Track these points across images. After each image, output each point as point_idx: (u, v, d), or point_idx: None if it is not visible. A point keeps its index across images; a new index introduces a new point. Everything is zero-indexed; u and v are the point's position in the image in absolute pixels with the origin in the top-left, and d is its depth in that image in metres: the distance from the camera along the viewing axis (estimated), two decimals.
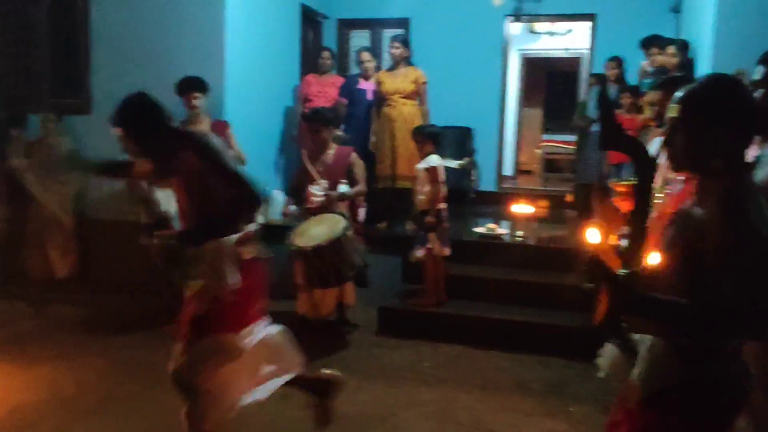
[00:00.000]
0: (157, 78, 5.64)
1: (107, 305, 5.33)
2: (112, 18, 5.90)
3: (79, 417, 3.36)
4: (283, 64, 6.76)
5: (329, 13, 7.78)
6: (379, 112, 5.88)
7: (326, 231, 4.24)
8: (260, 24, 6.16)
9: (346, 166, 4.66)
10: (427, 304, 4.77)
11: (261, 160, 6.04)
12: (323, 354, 4.31)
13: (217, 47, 5.64)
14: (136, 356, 4.22)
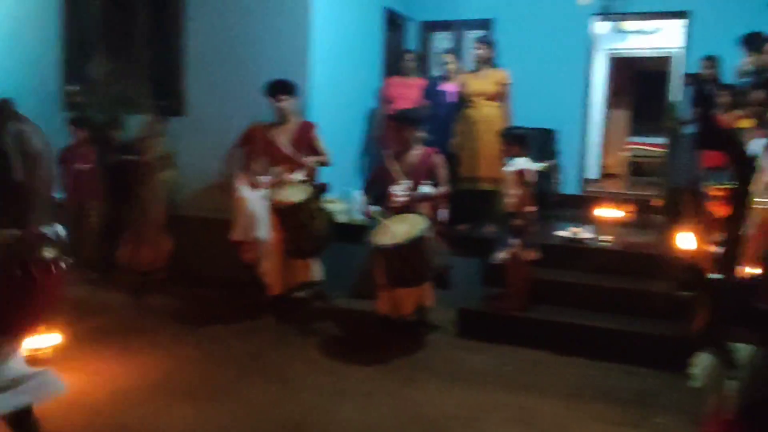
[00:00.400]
0: (245, 81, 5.90)
1: (196, 298, 5.56)
2: (204, 24, 6.17)
3: (172, 403, 3.53)
4: (366, 66, 6.87)
5: (412, 15, 7.83)
6: (462, 113, 5.86)
7: (406, 230, 4.29)
8: (344, 27, 6.29)
9: (429, 167, 4.69)
10: (509, 307, 4.72)
11: (343, 161, 6.15)
12: (403, 354, 4.35)
13: (303, 50, 5.80)
14: (225, 348, 4.39)
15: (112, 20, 6.61)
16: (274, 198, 4.66)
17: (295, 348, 4.43)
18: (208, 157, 5.99)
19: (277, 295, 5.04)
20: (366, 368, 4.11)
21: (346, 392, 3.74)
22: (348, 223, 5.71)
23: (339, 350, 4.43)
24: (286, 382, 3.85)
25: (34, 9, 6.92)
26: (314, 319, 5.01)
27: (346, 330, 4.90)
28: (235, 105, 5.91)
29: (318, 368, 4.10)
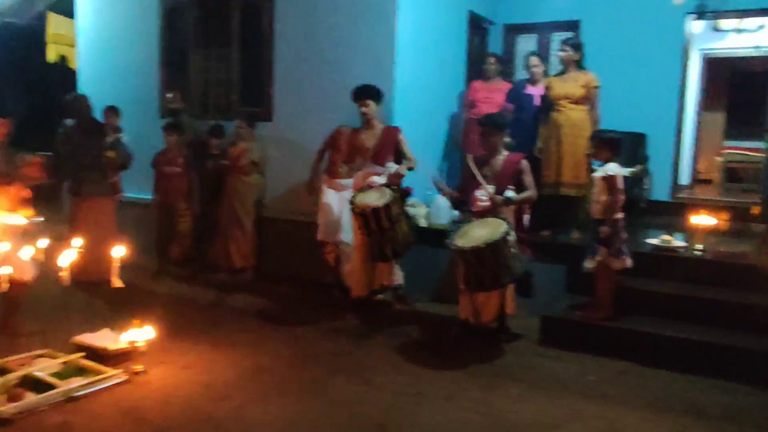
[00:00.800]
0: (331, 86, 6.06)
1: (282, 298, 5.76)
2: (292, 33, 6.38)
3: (261, 397, 3.68)
4: (449, 70, 6.88)
5: (496, 19, 7.78)
6: (547, 117, 5.77)
7: (486, 234, 4.28)
8: (429, 32, 6.33)
9: (515, 172, 4.66)
10: (595, 316, 4.61)
11: (426, 165, 6.19)
12: (484, 360, 4.34)
13: (388, 56, 5.88)
14: (311, 347, 4.53)
15: (206, 30, 6.95)
16: (357, 201, 4.75)
17: (377, 349, 4.51)
18: (295, 161, 6.21)
19: (360, 297, 5.14)
20: (447, 372, 4.12)
21: (427, 395, 3.77)
22: (430, 227, 5.74)
23: (420, 353, 4.47)
24: (368, 383, 3.92)
25: (136, 22, 7.37)
26: (395, 322, 5.07)
27: (426, 333, 4.93)
28: (321, 110, 6.08)
29: (399, 370, 4.15)
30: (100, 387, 3.66)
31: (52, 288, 4.38)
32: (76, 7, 7.93)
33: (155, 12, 7.18)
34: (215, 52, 6.94)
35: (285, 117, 6.49)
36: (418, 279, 5.52)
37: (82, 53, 7.97)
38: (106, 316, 4.64)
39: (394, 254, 4.85)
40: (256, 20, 6.58)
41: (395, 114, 5.84)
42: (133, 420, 3.33)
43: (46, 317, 4.56)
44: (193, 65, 7.05)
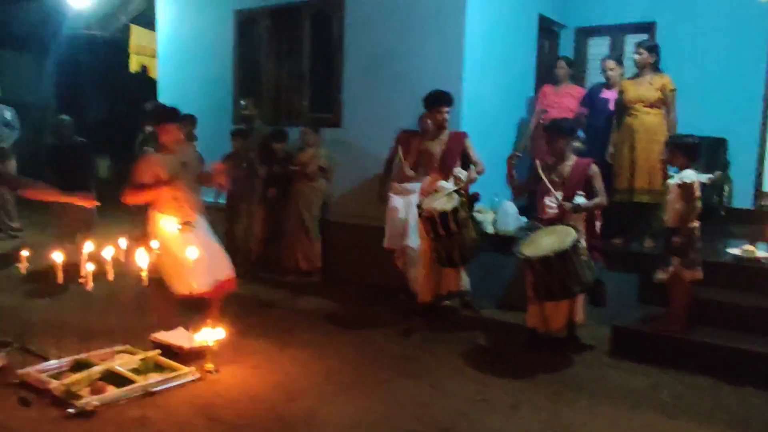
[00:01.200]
0: (399, 92, 6.10)
1: (349, 300, 5.83)
2: (361, 40, 6.47)
3: (329, 398, 3.74)
4: (518, 75, 6.80)
5: (567, 22, 7.63)
6: (620, 122, 5.61)
7: (555, 242, 4.20)
8: (498, 37, 6.28)
9: (584, 178, 4.55)
10: (669, 328, 4.44)
11: (494, 171, 6.13)
12: (551, 369, 4.26)
13: (457, 61, 5.87)
14: (378, 350, 4.57)
15: (278, 39, 7.15)
16: (424, 206, 4.76)
17: (443, 355, 4.50)
18: (363, 166, 6.29)
19: (426, 302, 5.14)
20: (513, 380, 4.07)
21: (492, 402, 3.74)
22: (497, 233, 5.69)
23: (486, 360, 4.44)
24: (434, 387, 3.93)
25: (212, 33, 7.65)
26: (462, 328, 5.05)
27: (493, 340, 4.88)
28: (389, 116, 6.12)
29: (465, 376, 4.13)
30: (175, 384, 3.82)
31: (132, 287, 4.59)
32: (157, 20, 8.31)
33: (230, 23, 7.44)
34: (286, 60, 7.12)
35: (353, 123, 6.59)
36: (484, 285, 5.48)
37: (162, 63, 8.34)
38: (182, 315, 4.81)
39: (462, 260, 4.83)
40: (327, 28, 6.71)
41: (463, 119, 5.82)
42: (206, 417, 3.46)
43: (126, 315, 4.78)
44: (265, 73, 7.26)
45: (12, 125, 7.75)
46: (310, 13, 6.83)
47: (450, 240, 4.66)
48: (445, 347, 4.64)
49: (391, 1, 6.25)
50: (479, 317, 5.35)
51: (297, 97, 7.08)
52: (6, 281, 6.08)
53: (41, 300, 5.38)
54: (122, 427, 3.30)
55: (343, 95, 6.64)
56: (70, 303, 4.73)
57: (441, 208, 4.63)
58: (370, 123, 6.38)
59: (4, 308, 5.19)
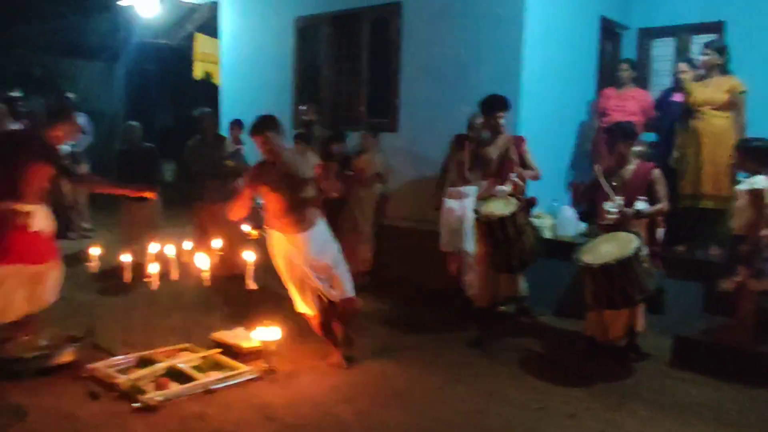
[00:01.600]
0: (456, 97, 6.08)
1: (403, 303, 5.83)
2: (418, 45, 6.49)
3: (384, 401, 3.77)
4: (579, 78, 6.68)
5: (630, 23, 7.43)
6: (686, 125, 5.44)
7: (616, 249, 4.10)
8: (557, 40, 6.19)
9: (646, 183, 4.43)
10: (735, 339, 4.27)
11: (552, 175, 6.05)
12: (610, 379, 4.16)
13: (515, 65, 5.82)
14: (432, 355, 4.56)
15: (337, 45, 7.25)
16: (481, 211, 4.74)
17: (498, 361, 4.46)
18: (418, 171, 6.31)
19: (482, 307, 5.11)
20: (570, 389, 4.00)
21: (549, 411, 3.69)
22: (555, 238, 5.60)
23: (542, 368, 4.37)
24: (490, 394, 3.90)
25: (273, 40, 7.83)
26: (518, 335, 4.98)
27: (550, 348, 4.81)
28: (445, 121, 6.11)
29: (521, 384, 4.08)
30: (234, 382, 3.92)
31: (194, 287, 4.74)
32: (221, 28, 8.56)
33: (290, 30, 7.60)
34: (345, 66, 7.22)
35: (410, 128, 6.62)
36: (542, 292, 5.40)
37: (224, 70, 8.59)
38: (242, 316, 4.94)
39: (520, 265, 4.77)
40: (385, 33, 6.77)
41: (521, 123, 5.76)
42: (264, 416, 3.54)
43: (189, 314, 4.94)
44: (324, 79, 7.38)
45: (85, 131, 8.13)
46: (369, 19, 6.91)
47: (507, 245, 4.61)
48: (502, 354, 4.60)
49: (448, 5, 6.26)
50: (536, 324, 5.28)
51: (355, 102, 7.17)
52: (78, 279, 6.36)
53: (110, 298, 5.62)
54: (183, 422, 3.42)
55: (400, 100, 6.68)
56: (137, 301, 4.92)
57: (499, 212, 4.59)
58: (426, 128, 6.40)
59: (76, 305, 5.45)
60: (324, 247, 4.22)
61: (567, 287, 5.35)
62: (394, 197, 6.65)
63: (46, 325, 4.62)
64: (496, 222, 4.56)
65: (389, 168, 6.44)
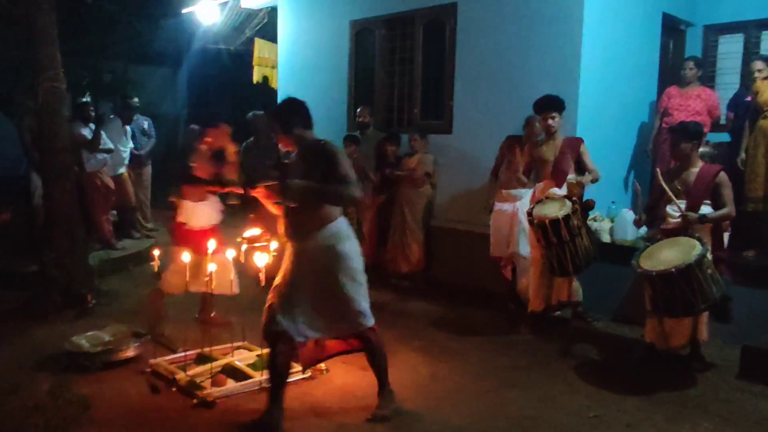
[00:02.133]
0: (512, 98, 6.01)
1: (454, 306, 5.80)
2: (473, 46, 6.43)
3: (435, 403, 3.76)
4: (640, 77, 6.48)
5: (694, 19, 7.18)
6: (753, 125, 5.21)
7: (677, 255, 3.95)
8: (618, 38, 6.03)
9: (711, 186, 4.25)
10: None
11: (611, 177, 5.90)
12: (670, 388, 4.02)
13: (573, 64, 5.70)
14: (484, 359, 4.52)
15: (391, 48, 7.27)
16: (537, 213, 4.66)
17: (552, 367, 4.38)
18: (473, 173, 6.27)
19: (536, 311, 5.02)
20: (628, 397, 3.88)
21: (605, 420, 3.59)
22: (614, 242, 5.45)
23: (598, 375, 4.26)
24: (543, 400, 3.83)
25: (329, 44, 7.91)
26: (573, 340, 4.87)
27: (607, 354, 4.68)
28: (501, 123, 6.05)
29: (576, 390, 3.99)
30: (288, 380, 3.97)
31: (249, 287, 4.84)
32: (279, 32, 8.72)
33: (346, 33, 7.66)
34: (399, 68, 7.24)
35: (464, 129, 6.57)
36: (599, 297, 5.26)
37: (282, 74, 8.74)
38: None
39: (574, 269, 4.67)
40: (439, 35, 6.75)
41: (579, 124, 5.64)
42: (316, 414, 3.58)
43: (244, 313, 5.04)
44: (379, 81, 7.41)
45: (149, 134, 8.43)
46: (423, 21, 6.90)
47: (561, 248, 4.52)
48: (556, 359, 4.51)
49: (504, 5, 6.18)
50: (593, 330, 5.16)
51: (409, 104, 7.17)
52: (141, 277, 6.62)
53: (171, 296, 5.79)
54: (239, 418, 3.50)
55: (454, 102, 6.65)
56: (196, 299, 5.06)
57: (552, 215, 4.51)
58: (481, 130, 6.34)
59: (139, 302, 5.66)
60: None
61: (626, 292, 5.21)
62: (447, 199, 6.62)
63: (112, 321, 4.84)
64: (549, 224, 4.47)
65: (437, 169, 6.45)
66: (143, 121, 8.37)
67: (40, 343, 4.59)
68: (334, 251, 3.35)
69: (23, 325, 4.97)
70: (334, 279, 3.36)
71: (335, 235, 3.37)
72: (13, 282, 5.90)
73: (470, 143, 6.46)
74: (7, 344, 4.56)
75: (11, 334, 4.77)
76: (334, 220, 3.39)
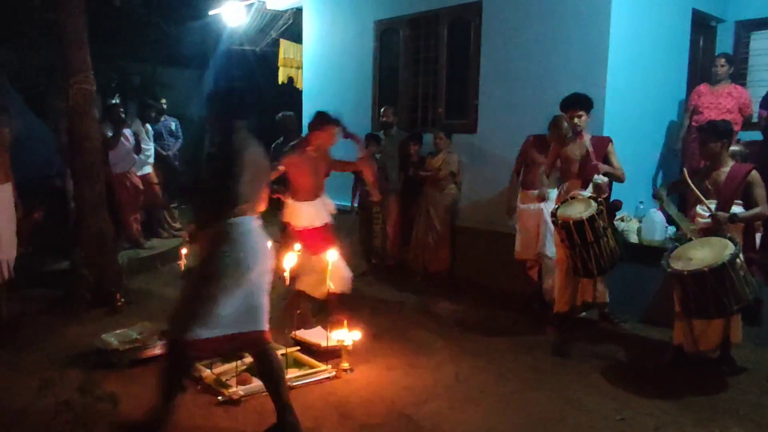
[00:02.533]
0: (537, 97, 5.95)
1: (478, 306, 5.76)
2: (499, 45, 6.38)
3: (458, 404, 3.74)
4: (669, 75, 6.37)
5: (725, 15, 7.04)
6: None
7: (709, 256, 3.88)
8: (646, 35, 5.93)
9: (742, 185, 4.16)
10: None
11: (639, 177, 5.81)
12: (700, 392, 3.95)
13: (600, 63, 5.63)
14: (508, 359, 4.49)
15: (416, 47, 7.26)
16: (561, 213, 4.61)
17: (578, 369, 4.33)
18: (498, 173, 6.22)
19: (562, 312, 4.97)
20: (656, 400, 3.82)
21: (632, 423, 3.54)
22: (642, 243, 5.37)
23: (625, 377, 4.20)
24: (569, 402, 3.79)
25: (353, 44, 7.92)
26: (599, 342, 4.82)
27: (634, 357, 4.61)
28: (526, 122, 5.99)
29: (601, 392, 3.94)
30: (312, 380, 4.01)
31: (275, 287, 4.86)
32: (304, 33, 8.77)
33: (370, 33, 7.68)
34: (423, 68, 7.22)
35: (489, 128, 6.53)
36: (627, 298, 5.19)
37: (307, 74, 8.79)
38: (321, 315, 5.03)
39: (599, 270, 4.61)
40: (464, 34, 6.72)
41: (606, 123, 5.57)
42: (340, 414, 3.59)
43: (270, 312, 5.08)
44: (403, 81, 7.41)
45: (176, 135, 8.54)
46: (448, 20, 6.88)
47: (586, 249, 4.46)
48: (581, 361, 4.46)
49: (530, 3, 6.12)
50: (619, 331, 5.09)
51: (433, 103, 7.15)
52: (169, 276, 6.71)
53: None
54: (264, 416, 3.52)
55: (479, 101, 6.61)
56: None
57: (577, 216, 4.46)
58: (506, 129, 6.29)
59: (168, 301, 5.73)
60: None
61: (654, 294, 5.13)
62: (471, 199, 6.59)
63: (140, 319, 4.91)
64: (573, 225, 4.42)
65: (461, 168, 6.43)
66: (171, 122, 8.48)
67: (70, 340, 4.68)
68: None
69: (54, 323, 5.07)
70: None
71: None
72: (44, 280, 6.03)
73: (495, 143, 6.42)
74: (39, 341, 4.66)
75: (43, 331, 4.88)
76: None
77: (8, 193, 4.73)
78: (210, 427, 3.42)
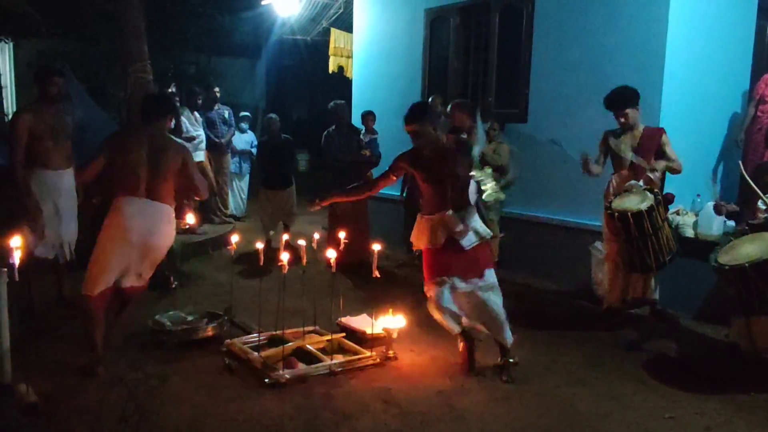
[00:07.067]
0: (590, 87, 5.80)
1: (526, 298, 5.66)
2: (551, 32, 6.26)
3: (503, 397, 3.71)
4: (732, 62, 6.11)
5: None
6: None
7: (757, 250, 3.73)
8: (708, 21, 5.72)
9: None
10: None
11: (698, 169, 5.61)
12: (757, 393, 3.79)
13: (658, 51, 5.45)
14: (555, 354, 4.42)
15: (466, 36, 7.19)
16: (616, 206, 4.49)
17: (628, 365, 4.22)
18: (548, 162, 6.11)
19: (612, 307, 4.87)
20: (708, 399, 3.70)
21: (682, 421, 3.44)
22: (697, 237, 5.19)
23: (675, 375, 4.08)
24: (616, 399, 3.71)
25: (404, 33, 7.90)
26: (651, 338, 4.69)
27: (686, 354, 4.48)
28: (578, 112, 5.87)
29: (652, 390, 3.84)
30: (357, 366, 4.04)
31: (322, 273, 4.93)
32: (355, 22, 8.79)
33: (421, 22, 7.63)
34: (473, 57, 7.14)
35: (540, 119, 6.42)
36: (681, 294, 5.04)
37: (357, 63, 8.81)
38: (367, 303, 5.07)
39: (656, 265, 4.48)
40: (515, 22, 6.61)
41: (663, 112, 5.40)
42: (383, 401, 3.61)
43: (316, 299, 5.15)
44: (453, 70, 7.35)
45: (229, 123, 8.70)
46: (499, 8, 6.78)
47: (644, 243, 4.34)
48: (631, 357, 4.35)
49: None
50: (672, 327, 4.94)
51: (483, 92, 7.07)
52: (220, 261, 6.88)
53: (246, 279, 6.00)
54: (309, 400, 3.58)
55: (530, 90, 6.50)
56: (270, 284, 5.20)
57: (635, 207, 4.33)
58: (558, 119, 6.17)
59: (218, 285, 5.88)
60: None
61: (710, 290, 4.96)
62: (523, 190, 6.48)
63: (191, 302, 5.05)
64: (628, 218, 4.30)
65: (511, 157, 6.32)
66: (224, 111, 8.64)
67: (125, 320, 4.84)
68: None
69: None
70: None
71: None
72: None
73: (546, 133, 6.28)
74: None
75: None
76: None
77: (70, 178, 4.92)
78: (256, 408, 3.49)
